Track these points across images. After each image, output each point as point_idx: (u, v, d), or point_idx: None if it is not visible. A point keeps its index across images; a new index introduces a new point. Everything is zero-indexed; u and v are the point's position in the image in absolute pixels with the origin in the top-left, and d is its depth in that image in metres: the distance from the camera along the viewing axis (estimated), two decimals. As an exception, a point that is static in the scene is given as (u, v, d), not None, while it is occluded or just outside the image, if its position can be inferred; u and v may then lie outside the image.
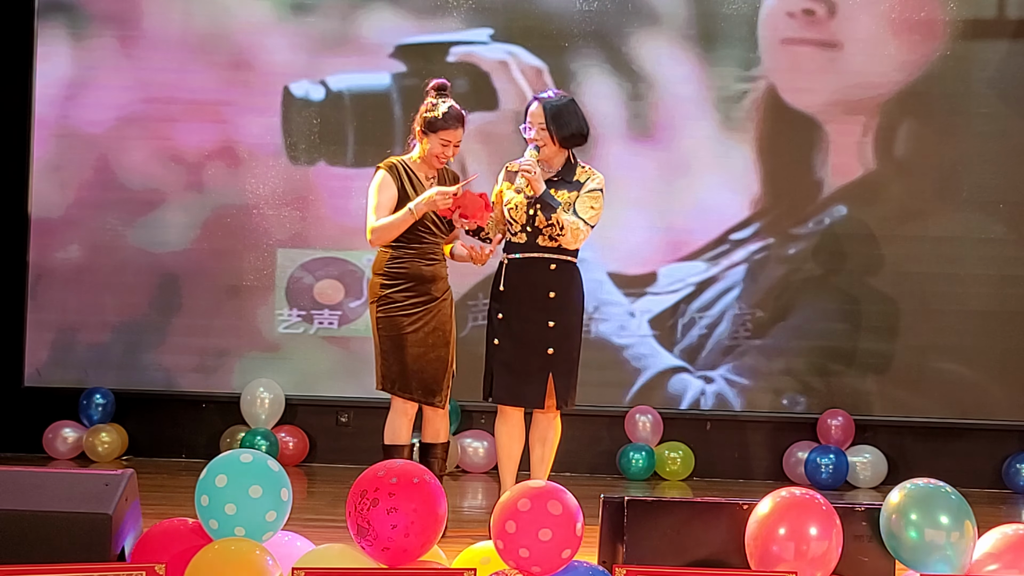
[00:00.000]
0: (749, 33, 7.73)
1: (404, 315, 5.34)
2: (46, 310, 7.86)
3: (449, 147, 5.33)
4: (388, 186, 5.36)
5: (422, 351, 5.36)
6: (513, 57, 7.78)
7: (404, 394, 5.38)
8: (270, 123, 7.82)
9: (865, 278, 7.75)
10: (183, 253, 7.84)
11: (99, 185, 7.85)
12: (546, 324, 5.34)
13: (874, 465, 7.60)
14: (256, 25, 7.83)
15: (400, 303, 5.35)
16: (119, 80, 7.84)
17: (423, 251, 5.38)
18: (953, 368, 7.69)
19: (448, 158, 5.38)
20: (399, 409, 5.41)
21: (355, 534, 3.56)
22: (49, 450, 7.71)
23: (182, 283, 7.86)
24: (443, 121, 5.30)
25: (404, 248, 5.37)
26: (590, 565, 3.65)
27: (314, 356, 7.84)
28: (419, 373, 5.36)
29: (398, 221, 5.29)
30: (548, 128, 5.30)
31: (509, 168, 5.43)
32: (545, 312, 5.33)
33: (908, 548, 3.70)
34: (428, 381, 5.38)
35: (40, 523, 3.71)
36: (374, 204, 5.35)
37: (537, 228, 5.32)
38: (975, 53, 7.70)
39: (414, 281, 5.37)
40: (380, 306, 5.38)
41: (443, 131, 5.31)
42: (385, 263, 5.39)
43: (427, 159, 5.39)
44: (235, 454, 3.73)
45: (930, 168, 7.71)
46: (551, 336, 5.33)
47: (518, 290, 5.34)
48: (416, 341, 5.35)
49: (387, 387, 5.39)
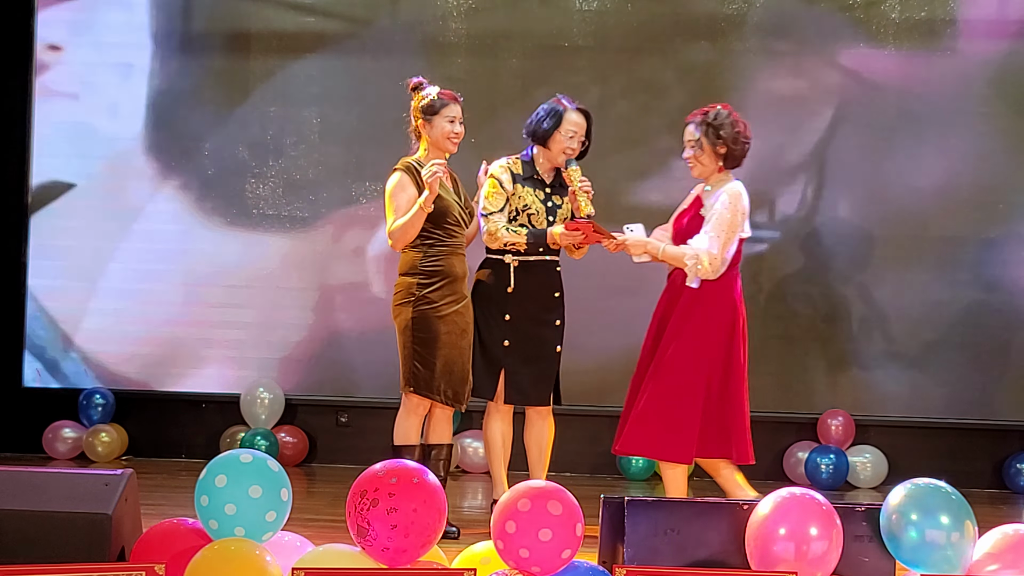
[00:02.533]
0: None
1: (439, 316, 5.32)
2: (46, 309, 7.87)
3: (455, 122, 5.37)
4: (405, 186, 5.35)
5: (452, 353, 5.35)
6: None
7: (431, 395, 5.35)
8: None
9: (864, 277, 7.75)
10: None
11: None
12: (554, 323, 5.52)
13: (874, 465, 7.60)
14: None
15: (436, 303, 5.32)
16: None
17: (454, 247, 5.38)
18: (954, 367, 7.69)
19: (458, 134, 5.38)
20: (412, 409, 5.39)
21: (355, 534, 3.56)
22: (49, 450, 7.70)
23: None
24: (440, 100, 5.37)
25: (438, 245, 5.35)
26: (590, 565, 3.65)
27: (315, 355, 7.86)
28: (448, 375, 5.35)
29: (413, 219, 5.28)
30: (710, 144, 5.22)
31: (513, 169, 5.50)
32: (553, 312, 5.52)
33: (908, 548, 3.70)
34: (456, 383, 5.38)
35: (40, 523, 3.71)
36: (393, 207, 5.35)
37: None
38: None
39: (449, 279, 5.34)
40: (416, 306, 5.32)
41: (443, 109, 5.37)
42: (419, 262, 5.35)
43: (440, 145, 5.38)
44: (235, 454, 3.73)
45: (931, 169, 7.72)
46: (559, 335, 5.54)
47: (527, 292, 5.46)
48: (448, 343, 5.34)
49: (416, 388, 5.35)
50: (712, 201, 5.23)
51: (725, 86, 7.53)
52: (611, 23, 7.72)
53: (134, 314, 7.84)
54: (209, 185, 7.84)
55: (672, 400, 5.15)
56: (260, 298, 7.84)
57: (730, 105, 5.38)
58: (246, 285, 7.83)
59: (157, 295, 7.81)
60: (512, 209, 5.48)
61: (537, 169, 5.51)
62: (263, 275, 7.83)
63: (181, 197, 7.86)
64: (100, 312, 7.85)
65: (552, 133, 5.44)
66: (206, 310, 7.84)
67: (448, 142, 5.38)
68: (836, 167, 7.71)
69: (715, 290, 5.19)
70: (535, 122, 5.48)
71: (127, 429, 7.80)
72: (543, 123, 5.46)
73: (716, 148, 5.22)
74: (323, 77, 7.80)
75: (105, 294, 7.86)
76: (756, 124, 5.55)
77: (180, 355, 7.84)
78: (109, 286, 7.85)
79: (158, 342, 7.84)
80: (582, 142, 5.48)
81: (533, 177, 5.50)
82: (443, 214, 5.32)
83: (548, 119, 5.46)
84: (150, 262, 7.83)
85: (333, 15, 7.83)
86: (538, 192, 5.49)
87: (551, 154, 5.47)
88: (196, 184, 7.85)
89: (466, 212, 5.43)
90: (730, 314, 5.20)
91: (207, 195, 7.85)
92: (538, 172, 5.51)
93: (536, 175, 5.50)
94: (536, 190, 5.48)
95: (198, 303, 7.83)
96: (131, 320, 7.84)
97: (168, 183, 7.86)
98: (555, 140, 5.44)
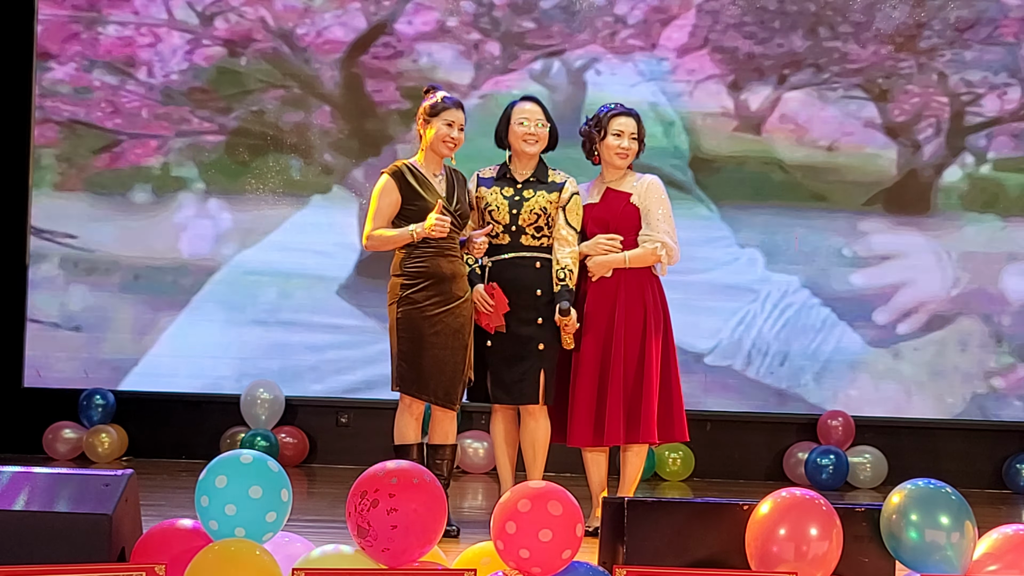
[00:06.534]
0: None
1: (424, 317, 5.32)
2: (46, 311, 7.86)
3: (454, 128, 5.38)
4: (389, 191, 5.36)
5: (442, 353, 5.34)
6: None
7: (422, 395, 5.35)
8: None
9: (863, 276, 7.75)
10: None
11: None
12: (535, 321, 5.49)
13: (874, 466, 7.60)
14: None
15: (420, 303, 5.32)
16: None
17: (441, 248, 5.36)
18: (953, 368, 7.69)
19: (455, 141, 5.39)
20: (405, 408, 5.40)
21: (355, 535, 3.56)
22: (49, 451, 7.70)
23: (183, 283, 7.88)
24: (443, 104, 5.40)
25: (422, 246, 5.34)
26: (590, 566, 3.64)
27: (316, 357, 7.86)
28: (438, 375, 5.34)
29: (396, 238, 5.32)
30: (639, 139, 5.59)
31: (481, 175, 5.62)
32: (534, 310, 5.48)
33: (908, 549, 3.69)
34: (446, 384, 5.37)
35: (40, 524, 3.71)
36: (375, 210, 5.37)
37: (521, 228, 5.45)
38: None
39: (434, 279, 5.33)
40: (400, 307, 5.34)
41: (444, 112, 5.38)
42: (404, 263, 5.36)
43: (435, 147, 5.40)
44: (235, 455, 3.72)
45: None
46: (541, 333, 5.49)
47: (505, 291, 5.43)
48: (436, 343, 5.33)
49: (404, 388, 5.36)
50: (641, 190, 5.53)
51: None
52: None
53: (134, 314, 7.84)
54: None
55: (677, 384, 5.55)
56: (260, 297, 7.85)
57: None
58: (246, 284, 7.84)
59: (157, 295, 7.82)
60: (477, 211, 5.58)
61: (510, 169, 5.57)
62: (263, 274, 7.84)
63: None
64: (101, 311, 7.86)
65: (507, 129, 5.54)
66: (208, 309, 7.84)
67: (443, 145, 5.39)
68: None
69: (659, 280, 5.59)
70: (495, 130, 5.61)
71: (127, 430, 7.80)
72: (497, 125, 5.59)
73: (641, 144, 5.60)
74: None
75: (106, 294, 7.87)
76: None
77: (180, 355, 7.84)
78: (109, 285, 7.86)
79: (158, 342, 7.84)
80: (543, 125, 5.50)
81: (505, 176, 5.58)
82: (425, 217, 5.31)
83: (500, 119, 5.60)
84: (150, 261, 7.84)
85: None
86: (506, 189, 5.54)
87: (517, 149, 5.52)
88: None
89: (457, 215, 5.39)
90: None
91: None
92: (510, 172, 5.56)
93: (508, 174, 5.57)
94: (504, 188, 5.54)
95: (200, 302, 7.84)
96: (132, 319, 7.84)
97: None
98: (512, 134, 5.52)
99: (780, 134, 7.82)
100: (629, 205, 5.52)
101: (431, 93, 5.47)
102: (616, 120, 5.54)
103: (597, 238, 5.51)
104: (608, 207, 5.55)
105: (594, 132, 5.56)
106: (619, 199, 5.54)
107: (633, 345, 5.45)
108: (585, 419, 5.46)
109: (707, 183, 7.80)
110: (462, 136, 5.43)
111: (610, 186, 5.58)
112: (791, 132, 7.81)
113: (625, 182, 5.58)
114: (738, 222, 7.80)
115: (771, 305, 7.79)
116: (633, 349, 5.45)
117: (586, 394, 5.46)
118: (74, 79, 7.89)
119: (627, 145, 5.52)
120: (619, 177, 5.59)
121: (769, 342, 7.77)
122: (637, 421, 5.41)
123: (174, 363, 7.84)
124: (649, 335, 5.45)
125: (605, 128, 5.54)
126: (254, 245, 7.89)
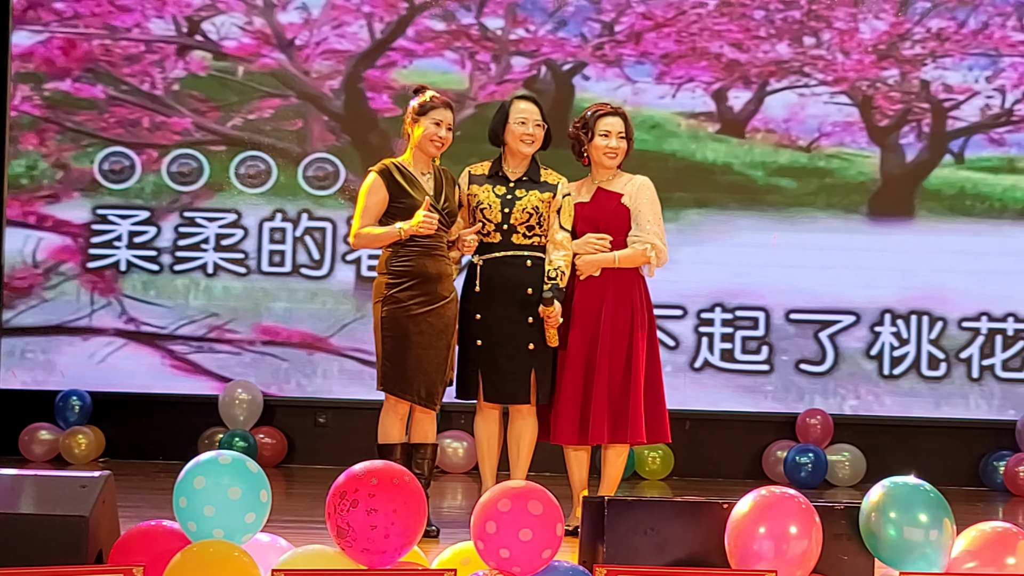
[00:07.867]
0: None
1: (409, 316, 5.31)
2: (22, 312, 7.82)
3: (442, 127, 5.37)
4: (377, 190, 5.35)
5: (425, 353, 5.33)
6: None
7: (405, 395, 5.35)
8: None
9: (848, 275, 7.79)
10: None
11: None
12: (526, 321, 5.45)
13: (853, 464, 7.63)
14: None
15: (404, 303, 5.31)
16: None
17: (427, 247, 5.34)
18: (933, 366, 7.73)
19: (442, 140, 5.38)
20: (390, 408, 5.39)
21: (335, 535, 3.55)
22: (25, 452, 7.66)
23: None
24: (431, 103, 5.39)
25: (408, 245, 5.32)
26: (571, 565, 3.64)
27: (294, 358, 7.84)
28: (422, 375, 5.33)
29: (384, 236, 5.31)
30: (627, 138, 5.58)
31: (472, 172, 5.58)
32: (525, 309, 5.44)
33: (887, 546, 3.70)
34: (429, 384, 5.36)
35: (16, 526, 3.68)
36: (362, 208, 5.36)
37: (512, 227, 5.42)
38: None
39: (419, 279, 5.32)
40: (385, 306, 5.33)
41: (433, 111, 5.37)
42: (390, 262, 5.35)
43: (422, 146, 5.39)
44: (213, 455, 3.71)
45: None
46: (531, 332, 5.44)
47: (495, 289, 5.44)
48: (420, 343, 5.32)
49: (388, 387, 5.36)
50: (632, 191, 5.52)
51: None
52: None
53: (110, 315, 7.81)
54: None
55: (661, 385, 5.56)
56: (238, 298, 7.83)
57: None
58: (223, 285, 7.82)
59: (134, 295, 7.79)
60: (468, 209, 5.55)
61: (503, 167, 5.54)
62: (240, 274, 7.81)
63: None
64: (79, 312, 7.82)
65: (503, 127, 5.49)
66: (185, 310, 7.82)
67: (430, 144, 5.38)
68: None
69: (646, 280, 5.59)
70: (490, 127, 5.55)
71: (104, 431, 7.76)
72: (493, 122, 5.55)
73: (630, 142, 5.60)
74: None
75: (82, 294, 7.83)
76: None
77: (157, 356, 7.81)
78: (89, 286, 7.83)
79: (134, 343, 7.81)
80: (540, 125, 5.49)
81: (497, 174, 5.54)
82: (412, 215, 5.30)
83: (496, 116, 5.56)
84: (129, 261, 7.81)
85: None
86: (498, 188, 5.51)
87: (512, 148, 5.50)
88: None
89: (445, 214, 5.39)
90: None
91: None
92: (503, 170, 5.53)
93: (501, 172, 5.53)
94: (496, 186, 5.51)
95: (176, 303, 7.81)
96: (109, 320, 7.81)
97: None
98: (509, 132, 5.49)
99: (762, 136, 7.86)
100: (620, 206, 5.51)
101: (420, 92, 5.47)
102: (603, 120, 5.53)
103: (586, 237, 5.50)
104: (599, 207, 5.54)
105: (582, 134, 5.56)
106: (610, 199, 5.53)
107: (620, 344, 5.44)
108: (570, 417, 5.45)
109: (691, 186, 7.81)
110: (450, 136, 5.42)
111: (601, 186, 5.57)
112: (773, 135, 7.85)
113: (616, 182, 5.57)
114: (722, 224, 7.81)
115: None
116: (620, 348, 5.44)
117: (571, 392, 5.45)
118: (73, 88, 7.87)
119: (615, 144, 5.51)
120: (610, 177, 5.57)
121: (749, 342, 7.79)
122: (624, 421, 5.41)
123: (151, 364, 7.81)
124: (636, 335, 5.45)
125: (592, 129, 5.53)
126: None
